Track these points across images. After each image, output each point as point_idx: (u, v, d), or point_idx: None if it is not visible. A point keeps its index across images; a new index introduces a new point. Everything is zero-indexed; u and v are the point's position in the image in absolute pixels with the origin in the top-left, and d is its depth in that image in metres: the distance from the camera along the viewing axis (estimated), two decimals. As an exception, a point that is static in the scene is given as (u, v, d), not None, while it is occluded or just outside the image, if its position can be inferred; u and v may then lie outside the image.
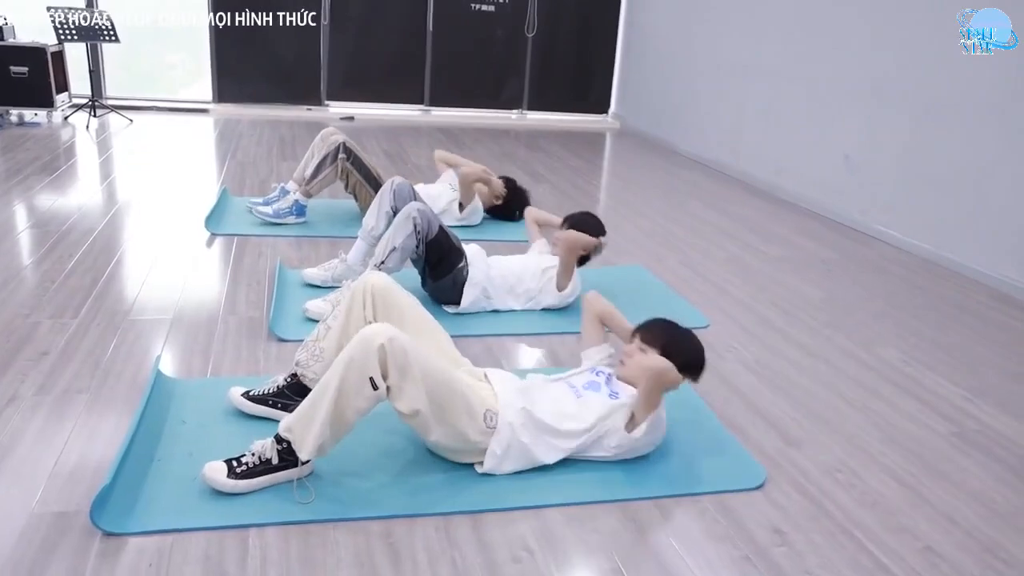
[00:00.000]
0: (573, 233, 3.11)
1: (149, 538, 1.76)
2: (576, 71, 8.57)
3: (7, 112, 6.26)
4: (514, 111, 8.52)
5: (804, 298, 3.64)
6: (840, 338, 3.20)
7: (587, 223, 3.21)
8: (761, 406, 2.60)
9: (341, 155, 4.01)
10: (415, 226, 2.93)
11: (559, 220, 3.35)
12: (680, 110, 7.27)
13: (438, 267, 3.07)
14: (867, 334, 3.27)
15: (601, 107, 8.72)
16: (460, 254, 3.10)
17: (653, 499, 2.05)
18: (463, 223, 4.27)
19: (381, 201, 3.29)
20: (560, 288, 3.16)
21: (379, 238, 3.15)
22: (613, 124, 8.56)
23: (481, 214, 4.40)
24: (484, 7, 8.04)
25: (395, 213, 3.18)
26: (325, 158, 4.02)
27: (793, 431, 2.46)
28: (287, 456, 1.90)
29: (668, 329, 2.31)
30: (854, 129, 5.00)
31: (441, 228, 3.03)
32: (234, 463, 1.90)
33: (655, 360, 2.14)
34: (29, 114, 6.41)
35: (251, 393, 2.25)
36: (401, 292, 2.23)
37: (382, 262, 2.95)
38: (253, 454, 1.91)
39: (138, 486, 1.89)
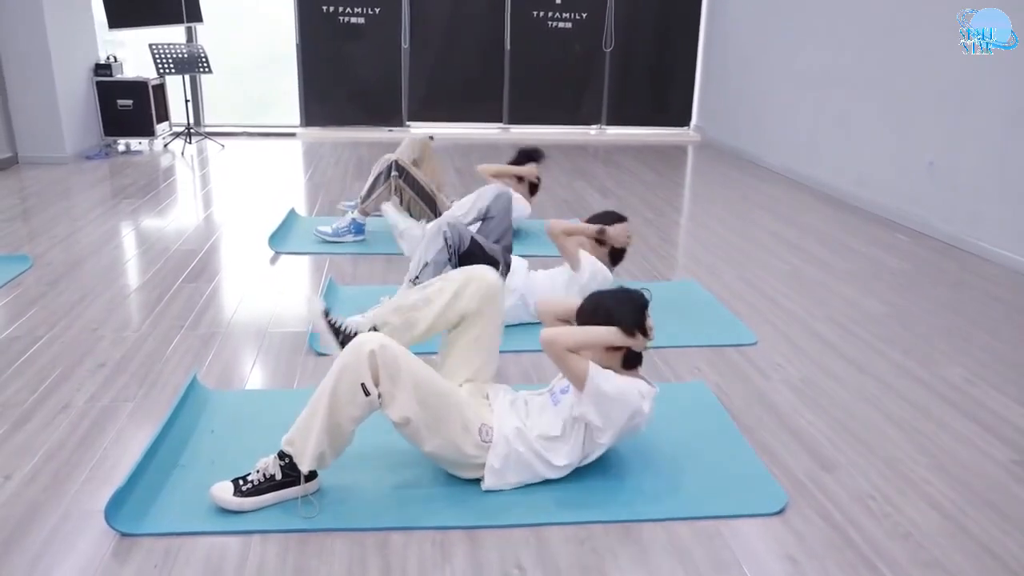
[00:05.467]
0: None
1: (160, 540, 1.86)
2: (655, 85, 8.47)
3: (114, 142, 6.77)
4: (593, 127, 8.49)
5: (865, 313, 3.44)
6: (898, 355, 3.01)
7: (607, 217, 3.23)
8: (797, 426, 2.47)
9: (393, 173, 4.12)
10: (446, 239, 2.98)
11: (587, 226, 3.27)
12: (761, 121, 7.05)
13: None
14: (930, 351, 3.05)
15: (682, 120, 8.57)
16: (495, 264, 3.12)
17: (660, 521, 1.98)
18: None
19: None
20: (573, 268, 3.12)
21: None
22: (694, 137, 8.39)
23: (526, 212, 4.38)
24: (561, 24, 8.08)
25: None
26: (378, 177, 4.15)
27: (828, 454, 2.32)
28: (290, 471, 1.95)
29: (589, 300, 2.18)
30: (938, 136, 4.70)
31: (473, 240, 3.06)
32: (240, 482, 1.95)
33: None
34: (134, 143, 6.91)
35: (331, 319, 2.42)
36: (502, 305, 2.29)
37: (416, 277, 3.00)
38: (258, 471, 1.96)
39: (157, 490, 2.00)
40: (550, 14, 8.02)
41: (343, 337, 2.39)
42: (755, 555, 1.88)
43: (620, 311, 2.06)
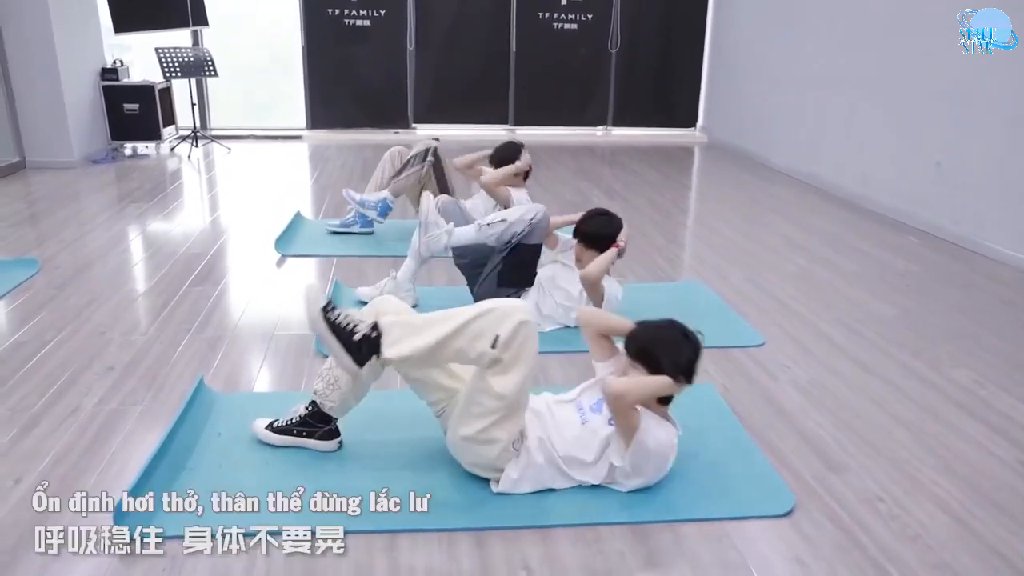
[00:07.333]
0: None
1: (167, 544, 1.86)
2: (661, 86, 8.47)
3: (121, 146, 6.80)
4: (599, 128, 8.49)
5: (874, 315, 3.42)
6: (906, 357, 2.99)
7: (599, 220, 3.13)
8: (806, 428, 2.47)
9: (430, 157, 4.11)
10: (438, 205, 3.23)
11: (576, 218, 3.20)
12: (767, 121, 7.04)
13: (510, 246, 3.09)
14: (938, 353, 3.04)
15: (688, 121, 8.56)
16: (480, 254, 3.15)
17: (667, 523, 1.98)
18: None
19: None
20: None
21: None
22: (701, 138, 8.38)
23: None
24: (567, 25, 8.08)
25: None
26: (415, 156, 4.13)
27: (836, 456, 2.32)
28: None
29: (646, 337, 2.10)
30: (939, 136, 4.69)
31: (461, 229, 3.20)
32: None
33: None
34: (141, 147, 6.94)
35: (275, 424, 2.28)
36: (412, 312, 2.26)
37: (426, 231, 3.16)
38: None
39: (164, 493, 2.00)
40: (556, 15, 8.03)
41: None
42: (763, 557, 1.88)
43: (678, 360, 2.01)
